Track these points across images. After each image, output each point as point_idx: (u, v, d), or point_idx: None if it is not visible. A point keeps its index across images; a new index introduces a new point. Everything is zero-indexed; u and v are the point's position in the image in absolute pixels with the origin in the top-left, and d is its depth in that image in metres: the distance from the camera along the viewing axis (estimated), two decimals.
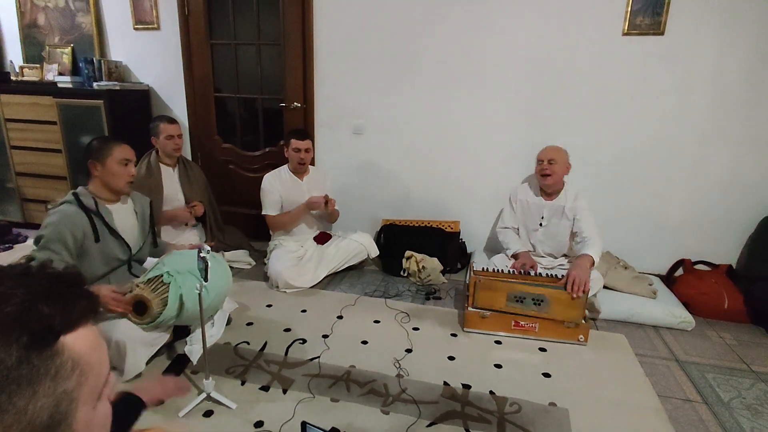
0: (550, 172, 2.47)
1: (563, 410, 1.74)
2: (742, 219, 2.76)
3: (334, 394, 1.79)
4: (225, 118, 3.49)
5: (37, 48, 3.57)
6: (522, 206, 2.66)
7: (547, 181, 2.49)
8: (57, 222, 1.77)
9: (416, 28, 2.92)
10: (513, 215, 2.70)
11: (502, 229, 2.74)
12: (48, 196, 3.29)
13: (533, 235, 2.64)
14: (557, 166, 2.47)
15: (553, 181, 2.49)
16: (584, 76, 2.76)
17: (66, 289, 0.49)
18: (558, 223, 2.54)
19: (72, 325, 0.48)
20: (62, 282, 0.50)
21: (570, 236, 2.55)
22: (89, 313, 0.51)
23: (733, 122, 2.65)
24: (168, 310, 1.76)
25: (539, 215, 2.59)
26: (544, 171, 2.48)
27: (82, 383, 0.48)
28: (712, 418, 1.74)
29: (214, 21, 3.27)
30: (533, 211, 2.61)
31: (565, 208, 2.51)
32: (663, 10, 2.56)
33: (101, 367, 0.52)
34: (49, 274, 0.50)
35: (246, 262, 3.03)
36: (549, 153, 2.50)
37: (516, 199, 2.68)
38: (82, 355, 0.48)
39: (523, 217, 2.66)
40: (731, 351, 2.24)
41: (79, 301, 0.50)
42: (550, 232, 2.58)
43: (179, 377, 0.86)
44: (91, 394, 0.50)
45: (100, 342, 0.52)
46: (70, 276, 0.52)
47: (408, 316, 2.43)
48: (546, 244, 2.62)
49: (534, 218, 2.61)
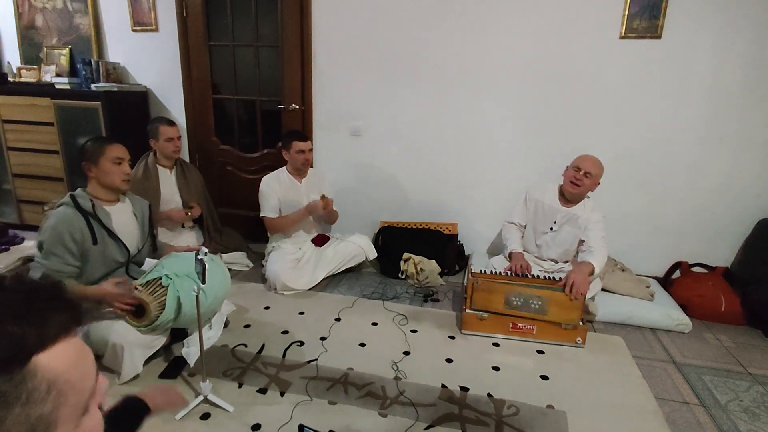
0: (581, 184, 2.35)
1: (561, 413, 1.74)
2: (739, 221, 2.77)
3: (331, 396, 1.79)
4: (223, 120, 3.49)
5: (34, 49, 3.56)
6: (536, 206, 2.55)
7: (574, 190, 2.38)
8: (55, 225, 1.76)
9: (414, 30, 2.92)
10: (524, 212, 2.61)
11: (507, 223, 2.67)
12: (45, 197, 3.27)
13: (541, 237, 2.56)
14: (590, 180, 2.36)
15: (579, 192, 2.39)
16: (582, 79, 2.77)
17: (42, 304, 0.45)
18: (569, 231, 2.47)
19: (47, 343, 0.44)
20: (38, 296, 0.46)
21: (577, 245, 2.49)
22: (69, 325, 0.47)
23: (729, 125, 2.66)
24: (166, 314, 1.76)
25: (552, 219, 2.50)
26: (576, 180, 2.36)
27: (60, 405, 0.44)
28: (710, 421, 1.75)
29: (213, 23, 3.27)
30: (547, 214, 2.52)
31: (580, 218, 2.43)
32: (660, 14, 2.57)
33: (84, 382, 0.48)
34: (24, 288, 0.46)
35: (244, 264, 3.02)
36: (589, 165, 2.36)
37: (532, 198, 2.58)
38: (59, 375, 0.44)
39: (534, 218, 2.58)
40: (728, 353, 2.25)
41: (56, 314, 0.46)
42: (559, 238, 2.51)
43: (179, 391, 0.85)
44: (72, 414, 0.46)
45: (83, 354, 0.48)
46: (48, 288, 0.47)
47: (406, 319, 2.43)
48: (552, 250, 2.55)
49: (546, 221, 2.53)
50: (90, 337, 1.81)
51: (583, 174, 2.35)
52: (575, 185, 2.37)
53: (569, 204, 2.47)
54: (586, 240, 2.39)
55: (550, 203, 2.51)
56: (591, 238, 2.37)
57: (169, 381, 1.85)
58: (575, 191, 2.39)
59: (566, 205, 2.48)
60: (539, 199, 2.55)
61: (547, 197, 2.53)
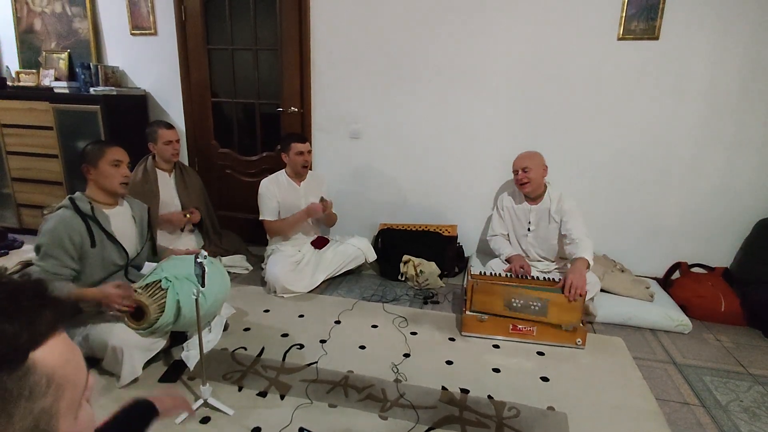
0: (526, 180, 2.49)
1: (561, 414, 1.74)
2: (738, 222, 2.77)
3: (332, 399, 1.78)
4: (222, 123, 3.49)
5: (33, 53, 3.57)
6: (509, 213, 2.69)
7: (526, 189, 2.53)
8: (54, 228, 1.76)
9: (413, 32, 2.93)
10: (501, 222, 2.72)
11: (492, 237, 2.76)
12: (44, 201, 3.25)
13: (523, 240, 2.66)
14: (533, 172, 2.48)
15: (532, 188, 2.52)
16: (580, 80, 2.78)
17: (28, 302, 0.46)
18: (546, 226, 2.56)
19: (40, 340, 0.45)
20: (22, 295, 0.46)
21: (559, 238, 2.55)
22: (57, 322, 0.48)
23: (727, 125, 2.67)
24: (165, 316, 1.75)
25: (526, 220, 2.61)
26: (521, 181, 2.51)
27: (60, 397, 0.46)
28: (710, 422, 1.74)
29: (211, 26, 3.28)
30: (520, 217, 2.64)
31: (551, 210, 2.53)
32: (657, 15, 2.58)
33: (77, 375, 0.49)
34: (7, 288, 0.46)
35: (243, 267, 3.02)
36: (522, 162, 2.52)
37: (502, 206, 2.71)
38: (56, 369, 0.46)
39: (512, 224, 2.69)
40: (728, 354, 2.25)
41: (43, 312, 0.47)
42: (539, 236, 2.60)
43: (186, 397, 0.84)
44: (70, 406, 0.48)
45: (72, 350, 0.50)
46: (31, 286, 0.48)
47: (406, 321, 2.42)
48: (537, 248, 2.64)
49: (522, 224, 2.64)
50: (90, 340, 1.80)
51: (522, 172, 2.50)
52: (523, 185, 2.52)
53: (535, 201, 2.60)
54: (568, 233, 2.44)
55: (518, 207, 2.64)
56: (571, 229, 2.43)
57: (169, 384, 1.84)
58: (527, 189, 2.53)
59: (533, 203, 2.60)
60: (508, 206, 2.69)
61: (514, 203, 2.66)
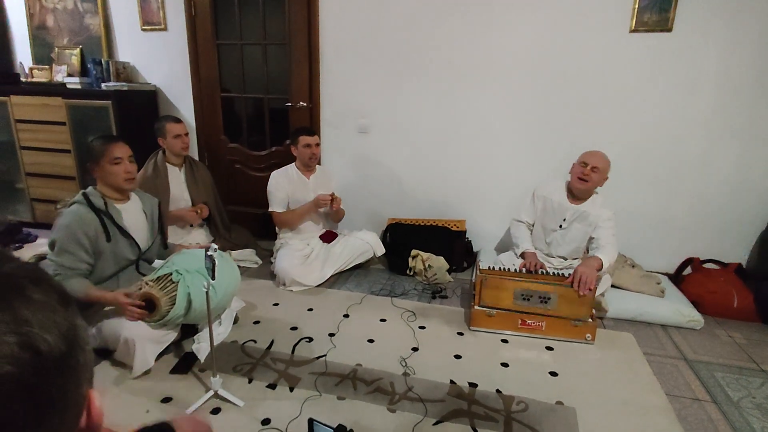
0: (588, 179, 2.33)
1: (570, 409, 1.73)
2: (752, 217, 2.73)
3: (340, 392, 1.79)
4: (231, 118, 3.51)
5: (46, 49, 3.61)
6: (545, 203, 2.53)
7: (581, 186, 2.36)
8: (69, 223, 1.78)
9: (422, 26, 2.91)
10: (532, 210, 2.59)
11: (516, 221, 2.65)
12: (57, 196, 3.32)
13: (550, 234, 2.54)
14: (598, 174, 2.33)
15: (587, 188, 2.36)
16: (591, 74, 2.74)
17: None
18: (579, 228, 2.44)
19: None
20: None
21: (587, 242, 2.46)
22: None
23: (741, 119, 2.62)
24: (176, 309, 1.78)
25: (561, 217, 2.48)
26: (584, 175, 2.34)
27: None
28: (722, 418, 1.73)
29: (221, 21, 3.29)
30: (556, 212, 2.49)
31: (590, 215, 2.40)
32: (670, 7, 2.54)
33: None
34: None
35: (253, 261, 3.04)
36: (594, 159, 2.34)
37: (540, 195, 2.55)
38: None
39: (543, 215, 2.55)
40: (741, 350, 2.22)
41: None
42: (568, 236, 2.48)
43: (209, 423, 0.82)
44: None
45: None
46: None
47: (414, 315, 2.43)
48: (562, 247, 2.53)
49: (555, 219, 2.50)
50: (102, 332, 1.83)
51: (590, 169, 2.33)
52: (583, 181, 2.35)
53: (578, 201, 2.45)
54: (597, 237, 2.36)
55: (559, 200, 2.49)
56: (601, 235, 2.35)
57: (180, 376, 1.87)
58: (583, 187, 2.36)
59: (575, 202, 2.45)
60: (548, 197, 2.52)
61: (555, 195, 2.51)
